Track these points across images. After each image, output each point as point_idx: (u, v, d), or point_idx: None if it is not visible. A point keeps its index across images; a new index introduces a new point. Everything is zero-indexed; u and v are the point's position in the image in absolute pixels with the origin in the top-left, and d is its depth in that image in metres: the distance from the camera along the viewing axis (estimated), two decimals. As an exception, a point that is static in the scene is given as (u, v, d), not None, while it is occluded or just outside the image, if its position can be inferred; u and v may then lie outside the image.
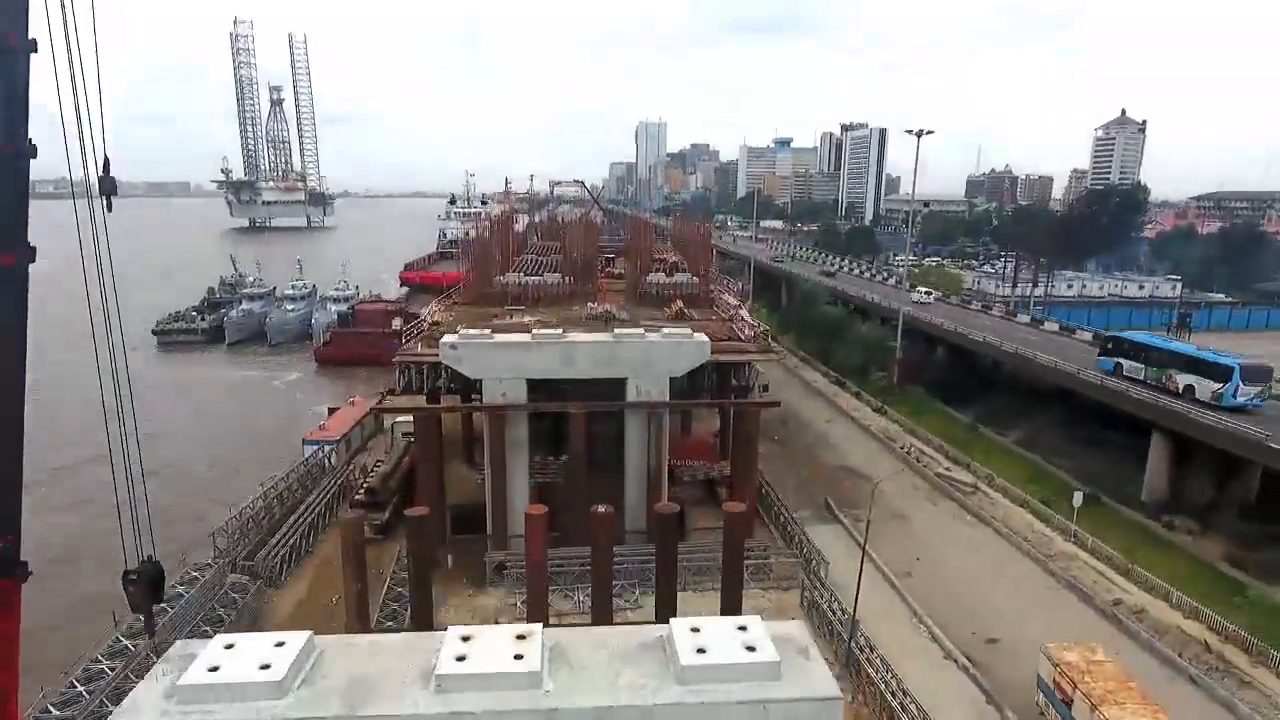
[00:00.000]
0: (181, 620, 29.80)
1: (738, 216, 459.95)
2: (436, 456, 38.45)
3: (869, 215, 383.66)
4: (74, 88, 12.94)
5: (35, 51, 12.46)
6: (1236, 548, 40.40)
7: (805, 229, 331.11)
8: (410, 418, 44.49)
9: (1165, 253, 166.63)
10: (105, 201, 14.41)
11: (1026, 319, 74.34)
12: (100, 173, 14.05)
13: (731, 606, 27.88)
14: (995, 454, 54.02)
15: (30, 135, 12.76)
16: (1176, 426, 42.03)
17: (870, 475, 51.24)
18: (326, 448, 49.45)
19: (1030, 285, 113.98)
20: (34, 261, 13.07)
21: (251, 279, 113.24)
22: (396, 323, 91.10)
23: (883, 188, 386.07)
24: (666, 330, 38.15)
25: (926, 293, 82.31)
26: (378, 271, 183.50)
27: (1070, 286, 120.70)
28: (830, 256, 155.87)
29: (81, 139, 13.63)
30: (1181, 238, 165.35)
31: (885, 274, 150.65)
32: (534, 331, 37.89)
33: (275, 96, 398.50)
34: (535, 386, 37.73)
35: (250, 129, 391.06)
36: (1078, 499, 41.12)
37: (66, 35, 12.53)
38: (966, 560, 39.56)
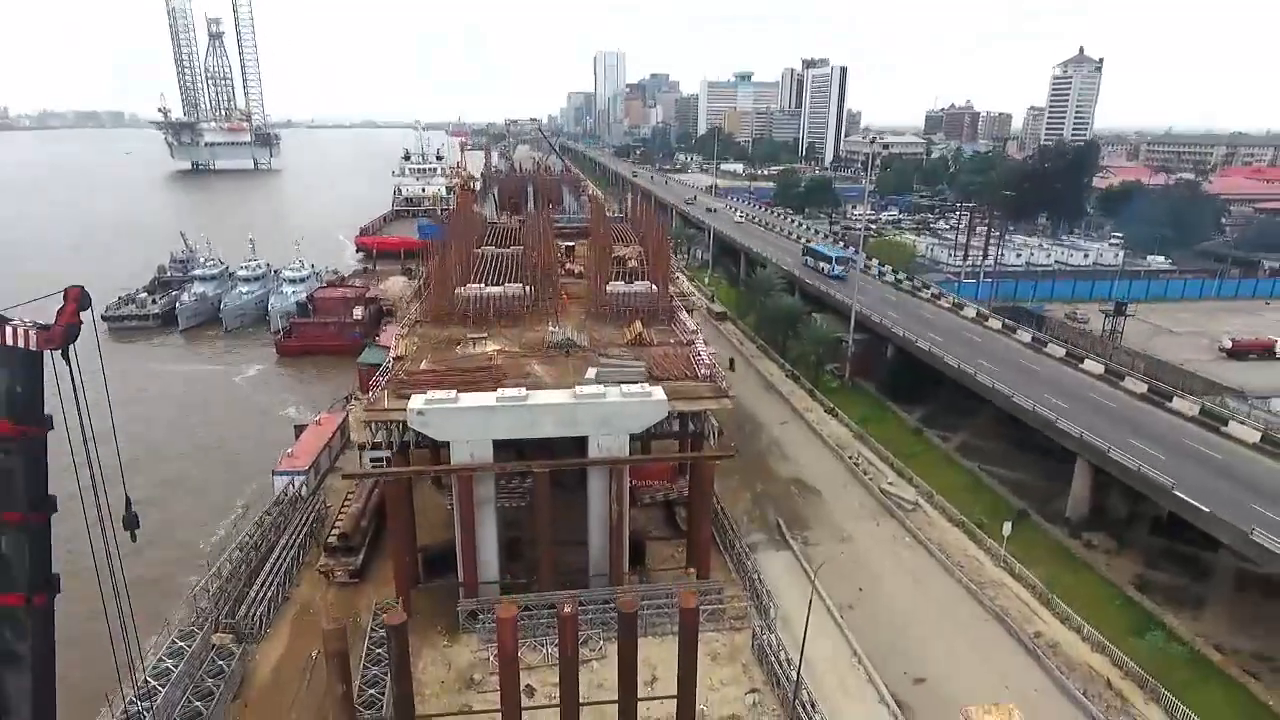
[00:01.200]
0: (172, 700, 31.52)
1: (699, 156, 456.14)
2: (408, 521, 40.07)
3: (829, 156, 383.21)
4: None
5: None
6: (1145, 566, 44.46)
7: (765, 173, 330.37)
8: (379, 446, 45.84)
9: (1112, 210, 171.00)
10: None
11: (973, 312, 77.18)
12: None
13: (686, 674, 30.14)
14: (938, 464, 57.43)
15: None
16: (1096, 460, 45.35)
17: (821, 490, 54.48)
18: (298, 480, 50.63)
19: (981, 255, 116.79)
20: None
21: (204, 258, 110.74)
22: (358, 311, 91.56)
23: (843, 128, 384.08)
24: (626, 389, 39.72)
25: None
26: (331, 230, 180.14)
27: (1019, 256, 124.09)
28: (791, 218, 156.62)
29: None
30: (1126, 195, 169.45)
31: (843, 236, 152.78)
32: (499, 393, 39.12)
33: (214, 30, 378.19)
34: (501, 444, 39.33)
35: (188, 65, 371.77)
36: (1007, 528, 44.55)
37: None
38: (904, 590, 42.93)
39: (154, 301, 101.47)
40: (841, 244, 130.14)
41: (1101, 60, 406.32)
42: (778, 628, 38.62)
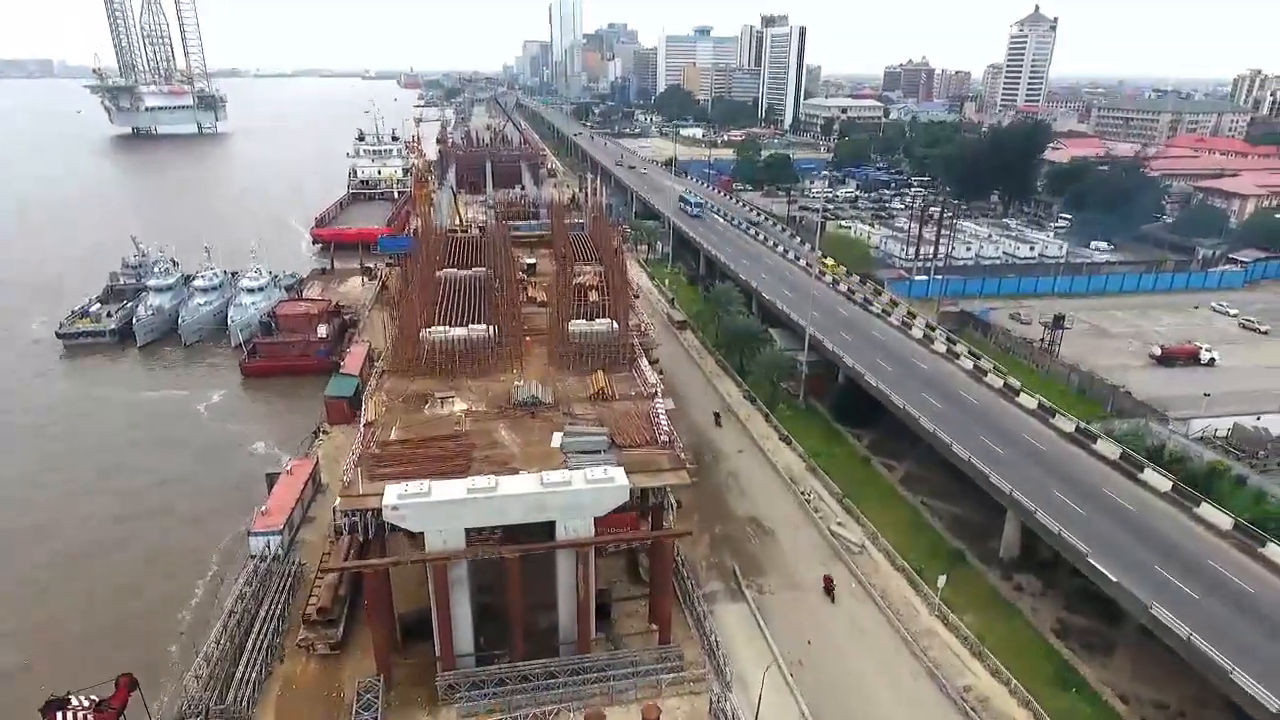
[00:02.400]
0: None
1: (658, 117, 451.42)
2: (386, 603, 42.34)
3: (789, 119, 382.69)
4: None
5: None
6: (1065, 610, 48.89)
7: (725, 139, 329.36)
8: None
9: (1060, 188, 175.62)
10: None
11: (919, 334, 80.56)
12: None
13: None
14: (883, 498, 61.27)
15: None
16: (1024, 518, 49.27)
17: (775, 530, 57.95)
18: (273, 540, 52.35)
19: (933, 248, 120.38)
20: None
21: (159, 266, 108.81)
22: (322, 329, 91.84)
23: (802, 90, 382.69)
24: (590, 475, 41.97)
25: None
26: (285, 214, 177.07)
27: (969, 249, 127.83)
28: (751, 208, 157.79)
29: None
30: (1074, 175, 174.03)
31: (800, 221, 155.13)
32: (470, 483, 41.10)
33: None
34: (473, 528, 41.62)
35: (122, 23, 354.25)
36: (941, 581, 48.44)
37: None
38: (850, 644, 46.70)
39: (109, 315, 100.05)
40: (796, 237, 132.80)
41: (1056, 19, 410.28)
42: (735, 689, 42.12)
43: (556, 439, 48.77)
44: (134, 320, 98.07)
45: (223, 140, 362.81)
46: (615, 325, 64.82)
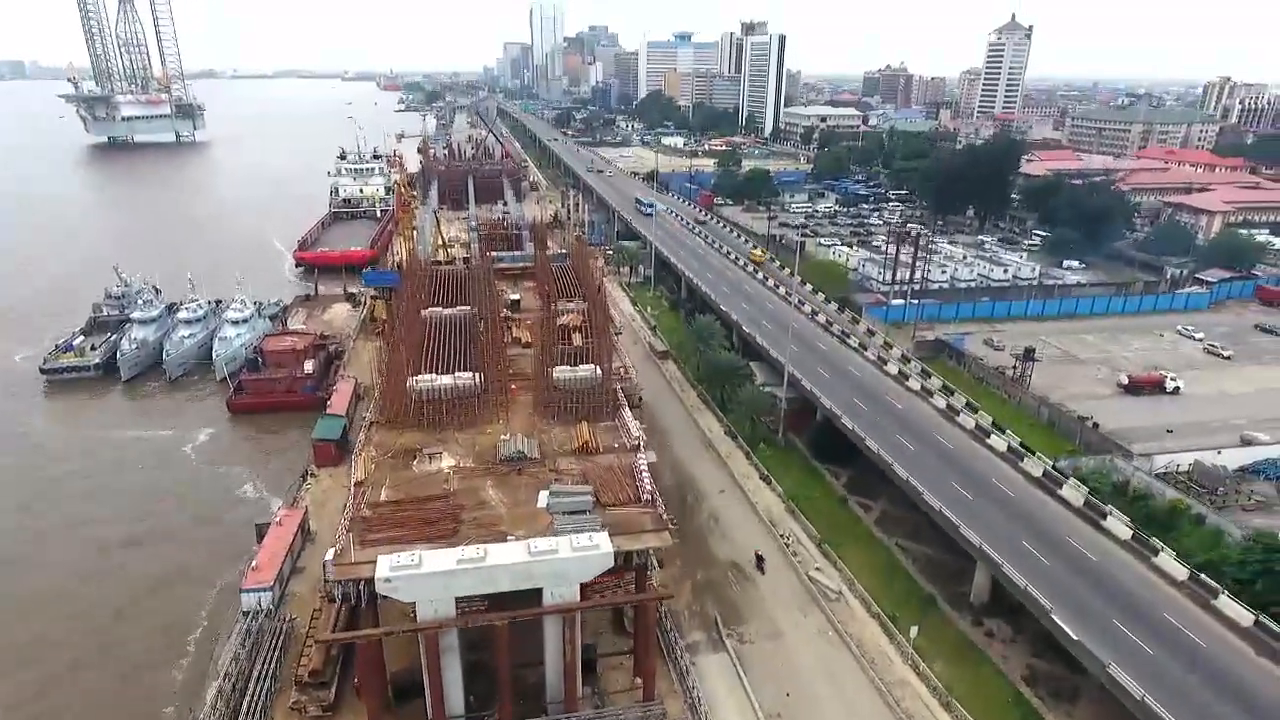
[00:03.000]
0: None
1: (639, 124, 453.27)
2: (379, 671, 43.70)
3: (769, 127, 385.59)
4: None
5: None
6: (1034, 656, 51.04)
7: (707, 148, 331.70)
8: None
9: (1035, 203, 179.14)
10: None
11: (895, 370, 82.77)
12: None
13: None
14: (859, 540, 63.40)
15: None
16: (991, 570, 51.42)
17: (756, 577, 59.76)
18: (265, 597, 53.47)
19: (909, 271, 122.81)
20: None
21: (142, 297, 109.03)
22: (309, 365, 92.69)
23: (782, 98, 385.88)
24: (576, 542, 43.48)
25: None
26: (268, 235, 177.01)
27: (944, 271, 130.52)
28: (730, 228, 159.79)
29: None
30: (1048, 190, 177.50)
31: (780, 240, 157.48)
32: (459, 553, 42.51)
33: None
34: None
35: (97, 33, 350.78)
36: (913, 631, 50.48)
37: None
38: (826, 693, 48.59)
39: (93, 348, 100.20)
40: (769, 254, 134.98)
41: (1031, 28, 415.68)
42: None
43: (543, 499, 50.28)
44: (118, 354, 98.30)
45: (201, 150, 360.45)
46: (599, 371, 66.40)
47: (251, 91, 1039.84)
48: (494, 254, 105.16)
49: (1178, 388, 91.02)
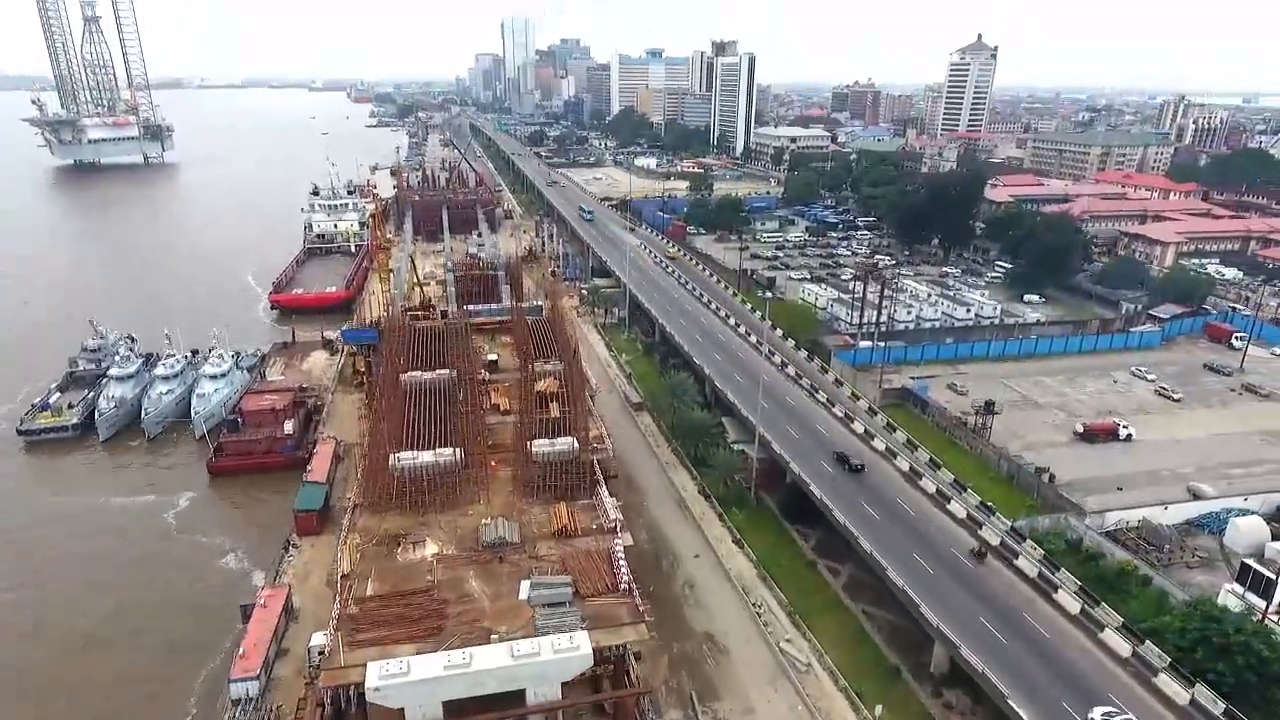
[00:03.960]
0: None
1: (612, 141, 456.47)
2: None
3: (740, 146, 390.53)
4: None
5: None
6: (991, 728, 54.08)
7: (680, 169, 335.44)
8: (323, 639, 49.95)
9: (997, 234, 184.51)
10: None
11: (861, 429, 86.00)
12: None
13: None
14: (828, 607, 66.26)
15: None
16: (949, 650, 54.45)
17: (729, 649, 62.40)
18: (252, 686, 54.95)
19: (876, 312, 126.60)
20: None
21: (119, 351, 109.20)
22: (289, 426, 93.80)
23: (752, 118, 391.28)
24: (556, 644, 45.73)
25: None
26: (242, 272, 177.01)
27: (910, 311, 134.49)
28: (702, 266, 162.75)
29: None
30: (1009, 221, 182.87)
31: (752, 276, 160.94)
32: (446, 658, 44.59)
33: (89, 13, 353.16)
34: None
35: (63, 55, 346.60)
36: (879, 710, 53.31)
37: None
38: (796, 773, 51.28)
39: (70, 407, 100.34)
40: (747, 304, 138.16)
41: (996, 48, 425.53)
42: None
43: (524, 590, 52.50)
44: (96, 413, 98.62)
45: (170, 172, 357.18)
46: (576, 444, 68.75)
47: (219, 103, 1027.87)
48: (470, 307, 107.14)
49: (1130, 435, 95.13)
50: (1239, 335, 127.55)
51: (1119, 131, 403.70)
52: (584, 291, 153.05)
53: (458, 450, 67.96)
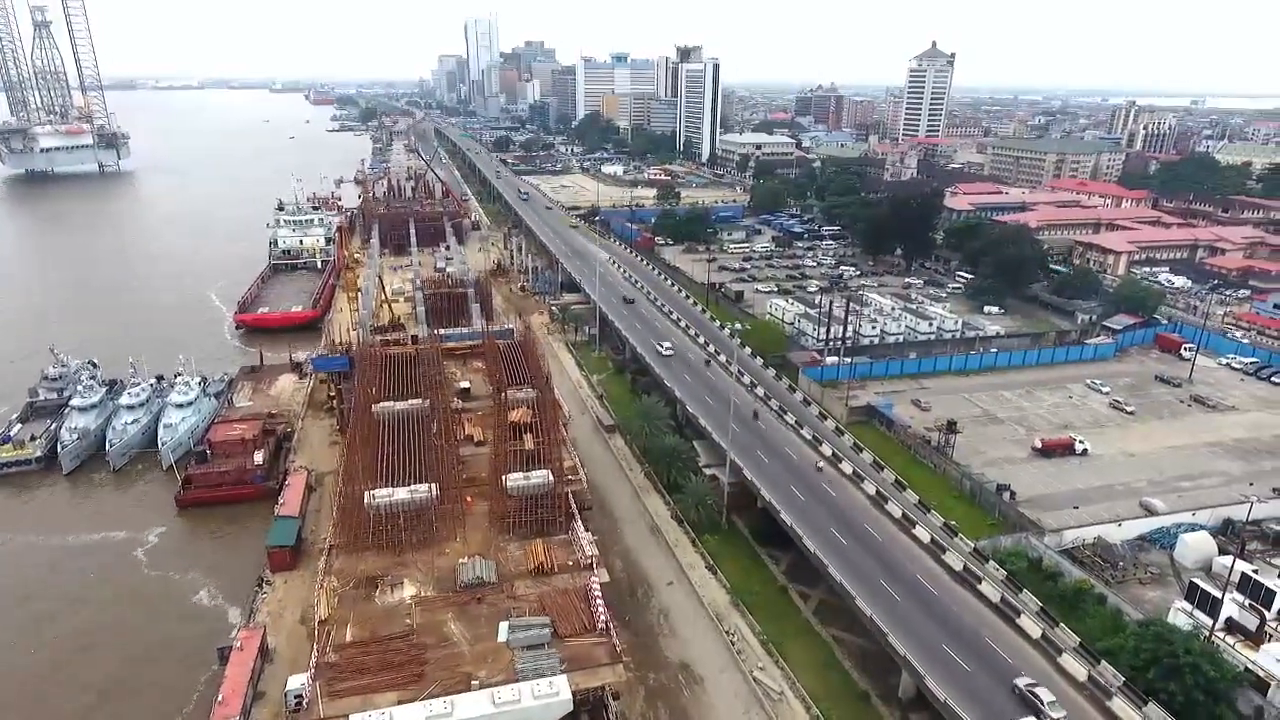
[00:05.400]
0: None
1: (579, 147, 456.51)
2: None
3: (705, 153, 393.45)
4: None
5: None
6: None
7: (648, 176, 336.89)
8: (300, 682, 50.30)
9: (957, 244, 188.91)
10: None
11: (827, 454, 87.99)
12: None
13: None
14: (799, 633, 67.99)
15: None
16: (915, 680, 56.44)
17: (704, 677, 63.78)
18: (232, 734, 55.03)
19: (842, 328, 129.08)
20: None
21: (81, 378, 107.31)
22: (259, 456, 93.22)
23: (718, 125, 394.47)
24: (536, 691, 46.77)
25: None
26: (204, 289, 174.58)
27: (874, 325, 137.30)
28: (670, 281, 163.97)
29: None
30: (968, 232, 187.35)
31: (720, 289, 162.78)
32: (427, 708, 45.34)
33: (39, 18, 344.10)
34: (431, 745, 45.77)
35: (12, 62, 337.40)
36: (850, 739, 55.11)
37: None
38: (771, 804, 52.80)
39: (33, 439, 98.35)
40: (716, 321, 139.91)
41: (953, 55, 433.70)
42: None
43: (503, 631, 53.43)
44: (59, 445, 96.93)
45: (127, 180, 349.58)
46: (551, 477, 69.67)
47: (176, 105, 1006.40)
48: (441, 332, 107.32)
49: (1085, 449, 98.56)
50: (1188, 346, 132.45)
51: (1073, 139, 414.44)
52: (554, 309, 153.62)
53: (433, 486, 68.48)
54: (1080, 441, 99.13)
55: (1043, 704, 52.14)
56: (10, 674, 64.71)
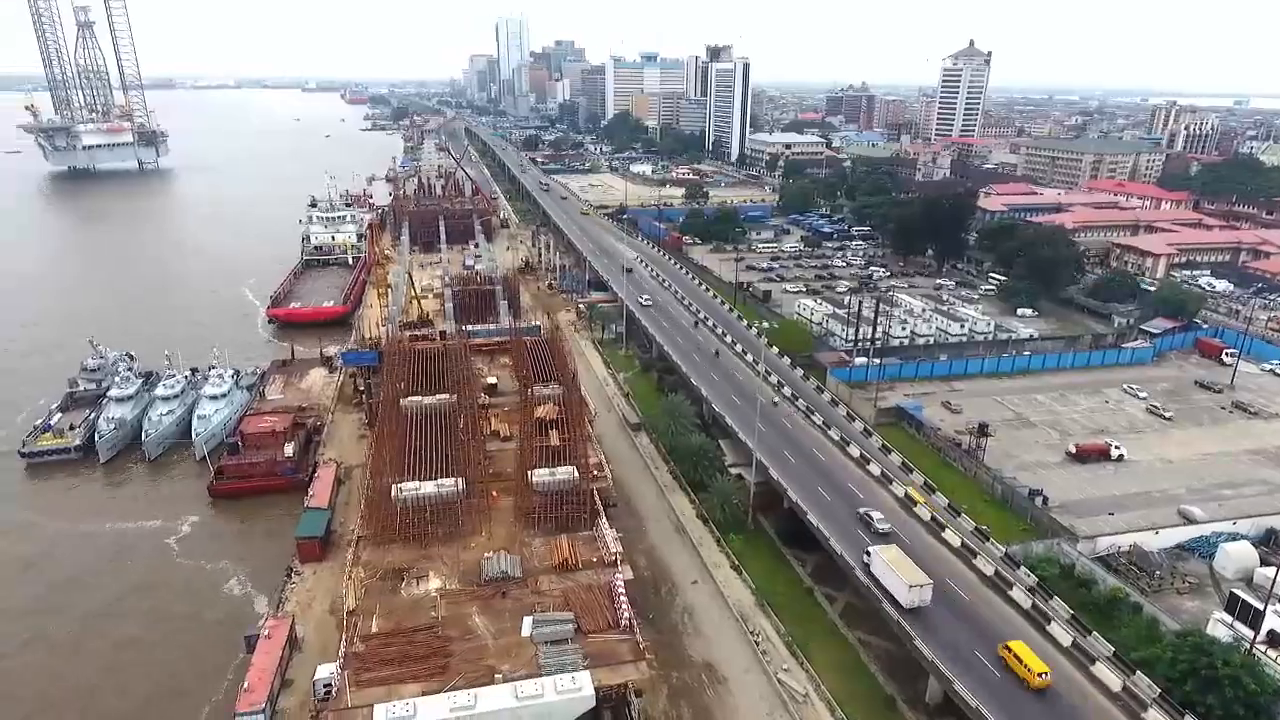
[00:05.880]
0: None
1: (608, 146, 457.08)
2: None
3: (734, 152, 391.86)
4: None
5: None
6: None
7: (676, 176, 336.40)
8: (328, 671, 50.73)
9: (991, 246, 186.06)
10: None
11: (857, 452, 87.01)
12: None
13: None
14: (825, 634, 67.22)
15: None
16: (943, 686, 55.48)
17: (728, 677, 63.30)
18: (258, 720, 55.68)
19: (871, 327, 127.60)
20: None
21: (119, 371, 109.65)
22: (289, 448, 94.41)
23: (747, 124, 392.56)
24: (559, 685, 46.68)
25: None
26: (239, 284, 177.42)
27: (904, 327, 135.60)
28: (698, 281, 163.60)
29: None
30: (1002, 233, 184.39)
31: (748, 289, 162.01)
32: (451, 700, 45.49)
33: (82, 18, 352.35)
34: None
35: (56, 61, 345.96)
36: (876, 744, 54.34)
37: None
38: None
39: (72, 428, 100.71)
40: (743, 320, 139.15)
41: (990, 54, 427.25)
42: None
43: (526, 626, 53.46)
44: (96, 435, 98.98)
45: (165, 178, 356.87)
46: (576, 473, 69.74)
47: (213, 104, 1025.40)
48: (469, 328, 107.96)
49: (1121, 455, 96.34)
50: (1229, 351, 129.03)
51: (1110, 139, 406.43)
52: (581, 307, 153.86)
53: (459, 480, 68.87)
54: (1116, 447, 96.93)
55: (872, 519, 70.79)
56: (44, 655, 66.05)
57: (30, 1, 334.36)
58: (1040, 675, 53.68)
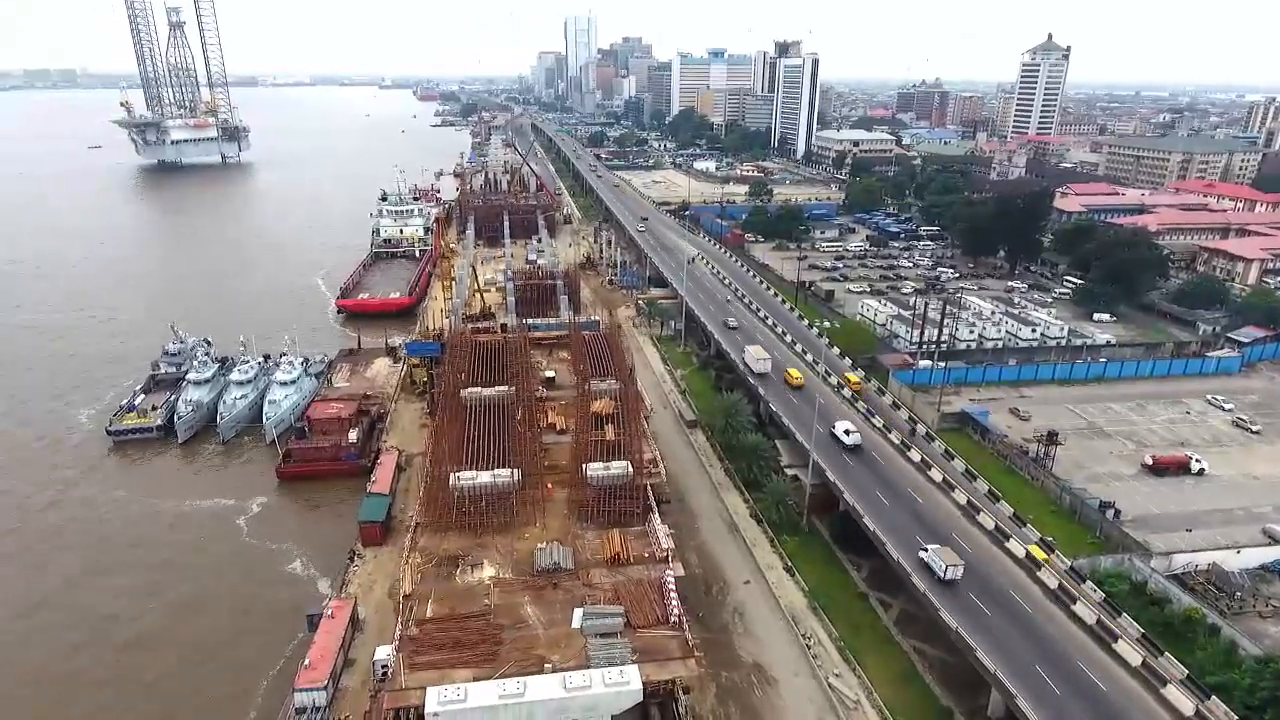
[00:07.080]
0: None
1: (672, 144, 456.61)
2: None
3: (800, 149, 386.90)
4: None
5: None
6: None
7: (740, 173, 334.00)
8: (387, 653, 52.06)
9: (1066, 248, 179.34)
10: None
11: (918, 457, 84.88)
12: None
13: None
14: (879, 643, 65.85)
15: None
16: (1004, 698, 53.71)
17: (778, 679, 62.64)
18: (319, 696, 57.49)
19: (937, 330, 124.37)
20: None
21: (197, 355, 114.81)
22: (353, 435, 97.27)
23: (814, 122, 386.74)
24: (608, 678, 46.82)
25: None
26: (311, 274, 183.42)
27: (972, 330, 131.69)
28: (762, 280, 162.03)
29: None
30: (1079, 235, 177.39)
31: (810, 288, 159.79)
32: (501, 687, 46.13)
33: (174, 19, 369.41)
34: None
35: (149, 59, 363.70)
36: (929, 755, 52.95)
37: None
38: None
39: (154, 409, 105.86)
40: (803, 319, 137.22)
41: (1069, 48, 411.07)
42: None
43: (577, 618, 53.80)
44: (175, 416, 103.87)
45: (246, 171, 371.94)
46: (630, 468, 69.85)
47: (291, 100, 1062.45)
48: (529, 321, 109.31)
49: (1202, 469, 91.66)
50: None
51: (1201, 137, 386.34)
52: (640, 303, 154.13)
53: (515, 471, 69.74)
54: (1197, 460, 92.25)
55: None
56: (121, 620, 69.62)
57: (127, 3, 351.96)
58: None
